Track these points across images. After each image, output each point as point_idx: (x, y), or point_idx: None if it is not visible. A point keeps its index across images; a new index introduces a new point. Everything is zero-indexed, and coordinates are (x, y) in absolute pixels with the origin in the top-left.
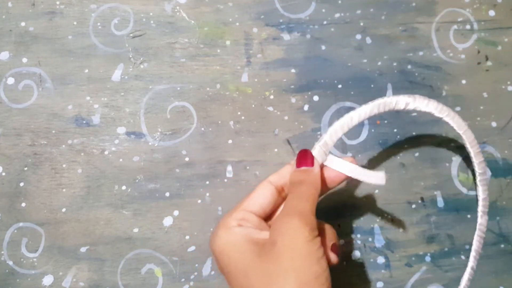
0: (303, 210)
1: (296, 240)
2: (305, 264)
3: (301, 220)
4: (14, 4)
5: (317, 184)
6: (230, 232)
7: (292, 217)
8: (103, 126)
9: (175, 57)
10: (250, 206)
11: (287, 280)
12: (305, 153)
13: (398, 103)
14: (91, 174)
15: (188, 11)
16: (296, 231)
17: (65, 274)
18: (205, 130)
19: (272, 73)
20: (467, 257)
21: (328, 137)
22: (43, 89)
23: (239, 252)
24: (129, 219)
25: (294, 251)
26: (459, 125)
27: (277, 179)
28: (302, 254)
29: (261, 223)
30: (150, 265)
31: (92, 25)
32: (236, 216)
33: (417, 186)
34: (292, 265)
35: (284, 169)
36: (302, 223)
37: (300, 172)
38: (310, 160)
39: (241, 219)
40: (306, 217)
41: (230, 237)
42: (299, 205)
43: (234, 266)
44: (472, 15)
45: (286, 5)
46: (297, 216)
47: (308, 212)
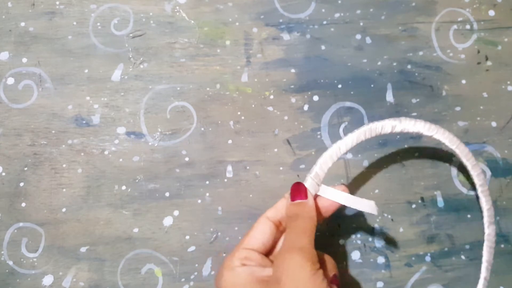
0: (303, 245)
1: (299, 277)
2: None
3: (302, 256)
4: (14, 4)
5: (313, 216)
6: (235, 272)
7: (293, 254)
8: (103, 126)
9: (175, 57)
10: (250, 244)
11: None
12: (299, 186)
13: (384, 128)
14: (91, 174)
15: (188, 11)
16: (298, 267)
17: (65, 274)
18: (205, 130)
19: (272, 73)
20: (467, 257)
21: (319, 168)
22: (43, 89)
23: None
24: (129, 219)
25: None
26: (450, 140)
27: (274, 214)
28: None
29: (264, 260)
30: (150, 265)
31: (92, 25)
32: (238, 255)
33: (417, 186)
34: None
35: (280, 203)
36: (303, 259)
37: (295, 206)
38: (303, 193)
39: (244, 258)
40: (306, 252)
41: (235, 279)
42: (298, 240)
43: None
44: (472, 15)
45: (286, 5)
46: (297, 252)
47: (308, 246)
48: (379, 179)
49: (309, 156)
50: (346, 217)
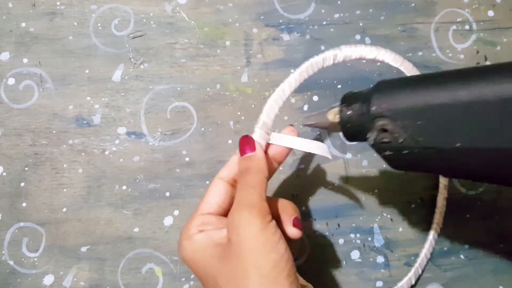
0: (251, 200)
1: (248, 233)
2: (262, 255)
3: (250, 211)
4: (15, 5)
5: (262, 168)
6: (193, 240)
7: (241, 211)
8: (103, 126)
9: (175, 57)
10: (206, 208)
11: (249, 278)
12: (246, 139)
13: (326, 59)
14: (92, 174)
15: (188, 12)
16: (247, 224)
17: (65, 274)
18: (205, 130)
19: (272, 73)
20: (466, 256)
21: (265, 116)
22: (44, 90)
23: (204, 258)
24: (130, 218)
25: (249, 245)
26: (394, 59)
27: (227, 173)
28: (257, 246)
29: (222, 221)
30: (151, 264)
31: (92, 26)
32: (195, 222)
33: (416, 186)
34: (250, 260)
35: (231, 161)
36: (251, 214)
37: (245, 160)
38: (252, 145)
39: (201, 224)
40: (255, 206)
41: (193, 246)
42: (246, 196)
43: (203, 273)
44: (471, 16)
45: (285, 6)
46: (245, 208)
47: (257, 200)
48: (379, 179)
49: (309, 156)
50: (346, 217)
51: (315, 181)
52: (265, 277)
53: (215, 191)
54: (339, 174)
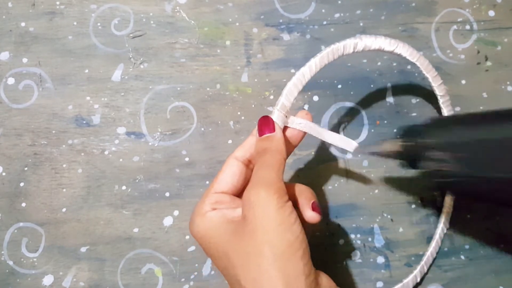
0: (269, 179)
1: (265, 211)
2: (277, 234)
3: (268, 190)
4: (14, 5)
5: (281, 149)
6: (206, 218)
7: (258, 189)
8: (103, 126)
9: (175, 57)
10: (220, 187)
11: (262, 256)
12: (266, 119)
13: (346, 47)
14: (91, 174)
15: (188, 12)
16: (264, 202)
17: (65, 274)
18: (205, 130)
19: (272, 73)
20: (466, 257)
21: (285, 98)
22: (43, 89)
23: (217, 235)
24: (129, 219)
25: (264, 223)
26: (411, 53)
27: (242, 153)
28: (273, 224)
29: (235, 201)
30: (150, 265)
31: (92, 25)
32: (208, 200)
33: (416, 186)
34: (265, 238)
35: (248, 141)
36: (269, 193)
37: (263, 140)
38: (271, 126)
39: (215, 203)
40: (272, 186)
41: (206, 223)
42: (264, 175)
43: (215, 250)
44: (471, 15)
45: (286, 5)
46: (263, 186)
47: (275, 179)
48: (379, 179)
49: (309, 156)
50: (346, 217)
51: (315, 181)
52: (279, 255)
53: (229, 170)
54: (339, 174)
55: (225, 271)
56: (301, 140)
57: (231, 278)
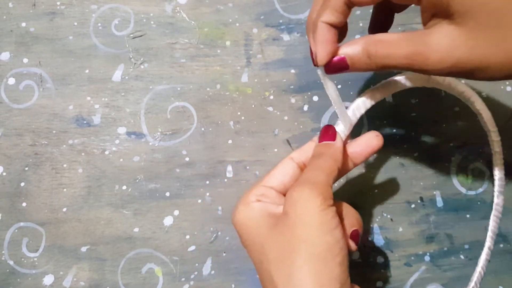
0: (316, 180)
1: (307, 210)
2: (317, 235)
3: (313, 190)
4: (15, 5)
5: (337, 156)
6: (249, 207)
7: (303, 187)
8: (103, 126)
9: (175, 57)
10: (270, 182)
11: (298, 252)
12: (328, 128)
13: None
14: (92, 174)
15: (188, 12)
16: (307, 200)
17: (65, 274)
18: (205, 130)
19: (272, 74)
20: (466, 256)
21: (352, 113)
22: (44, 90)
23: (256, 226)
24: (130, 218)
25: (305, 221)
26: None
27: (299, 156)
28: (314, 223)
29: (280, 198)
30: (151, 264)
31: (92, 26)
32: (255, 192)
33: (417, 186)
34: (303, 236)
35: (307, 145)
36: (313, 192)
37: (321, 146)
38: (332, 135)
39: (261, 195)
40: (319, 187)
41: (248, 212)
42: (312, 176)
43: (252, 240)
44: None
45: (286, 6)
46: (308, 185)
47: (322, 182)
48: (378, 179)
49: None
50: None
51: None
52: (315, 256)
53: (283, 168)
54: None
55: (258, 264)
56: (363, 160)
57: (263, 271)
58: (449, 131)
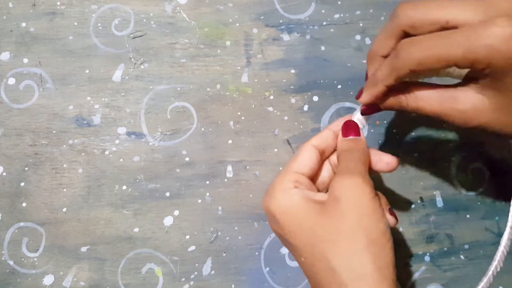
0: (361, 170)
1: (361, 197)
2: (372, 221)
3: (363, 179)
4: (15, 5)
5: (368, 152)
6: (288, 193)
7: (354, 176)
8: (103, 126)
9: (176, 57)
10: (300, 168)
11: (356, 237)
12: (352, 123)
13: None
14: (92, 174)
15: (188, 12)
16: (360, 188)
17: (65, 274)
18: (205, 130)
19: (272, 74)
20: (466, 256)
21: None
22: (44, 90)
23: (302, 211)
24: (130, 218)
25: (359, 208)
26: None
27: (319, 142)
28: (368, 211)
29: (312, 185)
30: (151, 264)
31: (92, 26)
32: (290, 178)
33: (416, 186)
34: (359, 223)
35: (324, 133)
36: (364, 182)
37: (349, 141)
38: (357, 130)
39: (295, 181)
40: (365, 176)
41: (289, 199)
42: (356, 167)
43: (298, 225)
44: None
45: (286, 6)
46: (358, 175)
47: (366, 172)
48: (379, 179)
49: None
50: None
51: None
52: (372, 241)
53: (307, 154)
54: None
55: (308, 248)
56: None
57: (316, 253)
58: (449, 131)
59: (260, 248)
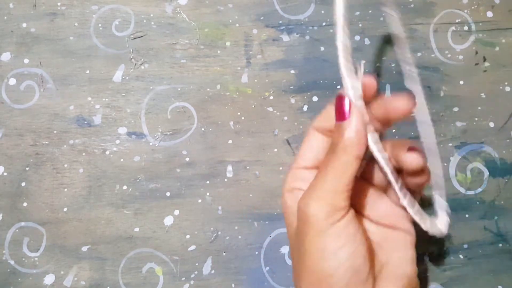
0: (324, 188)
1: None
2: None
3: (319, 201)
4: (16, 5)
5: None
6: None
7: (308, 200)
8: (104, 126)
9: (176, 58)
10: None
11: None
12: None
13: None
14: (93, 174)
15: (188, 13)
16: (312, 216)
17: (66, 273)
18: (205, 130)
19: (271, 74)
20: (465, 256)
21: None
22: (45, 90)
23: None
24: (130, 218)
25: (308, 246)
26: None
27: (321, 122)
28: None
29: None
30: (151, 264)
31: (93, 26)
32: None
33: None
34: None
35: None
36: (319, 205)
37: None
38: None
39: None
40: (325, 197)
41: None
42: (320, 182)
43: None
44: (470, 16)
45: (285, 7)
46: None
47: (331, 189)
48: None
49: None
50: None
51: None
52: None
53: (308, 144)
54: None
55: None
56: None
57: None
58: (448, 131)
59: (260, 248)
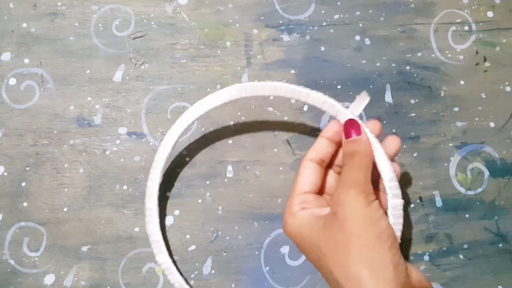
0: (358, 180)
1: (353, 208)
2: (364, 228)
3: (357, 190)
4: (16, 5)
5: (369, 151)
6: (297, 217)
7: (348, 189)
8: (104, 126)
9: (176, 58)
10: (302, 188)
11: (351, 245)
12: (353, 122)
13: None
14: (93, 174)
15: (188, 13)
16: (353, 200)
17: (66, 273)
18: (205, 130)
19: (272, 74)
20: (465, 256)
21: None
22: (45, 90)
23: (308, 231)
24: (130, 218)
25: (353, 218)
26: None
27: (315, 155)
28: (360, 219)
29: (319, 200)
30: (151, 264)
31: (93, 26)
32: (296, 201)
33: (416, 186)
34: (353, 231)
35: (318, 143)
36: (358, 192)
37: (351, 143)
38: (358, 129)
39: (301, 202)
40: (361, 186)
41: (297, 222)
42: (353, 176)
43: (307, 243)
44: (470, 16)
45: (285, 7)
46: (352, 186)
47: (363, 180)
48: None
49: None
50: None
51: None
52: (365, 245)
53: (307, 171)
54: None
55: (318, 263)
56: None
57: (324, 268)
58: (448, 131)
59: (260, 248)
